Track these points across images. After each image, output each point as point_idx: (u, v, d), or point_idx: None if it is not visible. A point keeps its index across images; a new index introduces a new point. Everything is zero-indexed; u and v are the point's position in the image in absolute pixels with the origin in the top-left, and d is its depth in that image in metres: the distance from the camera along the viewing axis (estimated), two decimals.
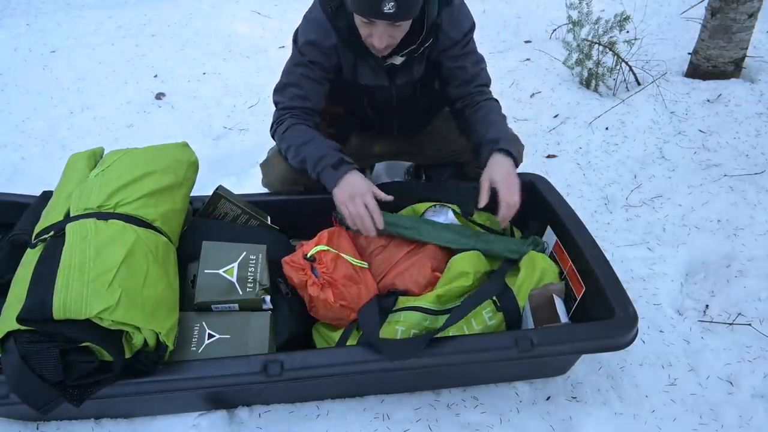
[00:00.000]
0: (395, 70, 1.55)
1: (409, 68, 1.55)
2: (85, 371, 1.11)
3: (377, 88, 1.58)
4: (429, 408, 1.43)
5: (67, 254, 1.16)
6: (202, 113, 2.85)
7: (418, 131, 1.81)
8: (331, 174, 1.42)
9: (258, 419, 1.40)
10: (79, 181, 1.37)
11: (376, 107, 1.66)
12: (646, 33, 3.31)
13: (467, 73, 1.60)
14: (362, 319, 1.34)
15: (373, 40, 1.38)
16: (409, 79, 1.58)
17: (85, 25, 3.85)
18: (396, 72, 1.56)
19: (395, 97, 1.61)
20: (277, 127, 1.55)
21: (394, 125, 1.75)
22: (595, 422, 1.39)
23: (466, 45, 1.56)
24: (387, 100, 1.62)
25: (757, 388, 1.48)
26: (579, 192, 2.22)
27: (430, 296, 1.39)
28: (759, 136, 2.46)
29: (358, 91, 1.60)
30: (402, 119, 1.73)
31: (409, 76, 1.57)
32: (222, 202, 1.58)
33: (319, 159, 1.44)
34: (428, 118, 1.79)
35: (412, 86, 1.61)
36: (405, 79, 1.58)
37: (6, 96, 3.03)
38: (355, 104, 1.66)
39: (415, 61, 1.54)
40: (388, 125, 1.75)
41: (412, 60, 1.53)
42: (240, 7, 4.09)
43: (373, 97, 1.62)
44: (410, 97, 1.63)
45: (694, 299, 1.77)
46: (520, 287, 1.43)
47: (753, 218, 2.02)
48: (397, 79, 1.57)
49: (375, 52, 1.45)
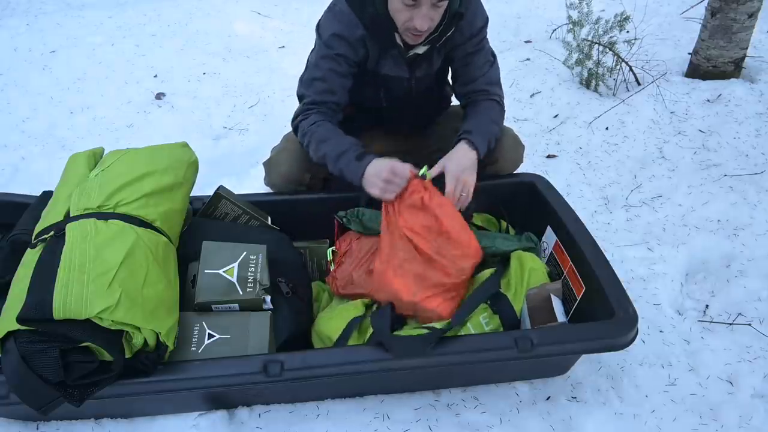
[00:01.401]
0: (416, 61, 1.56)
1: (430, 59, 1.57)
2: (85, 371, 1.11)
3: (396, 80, 1.59)
4: (429, 408, 1.43)
5: (67, 254, 1.16)
6: (202, 113, 2.86)
7: (426, 127, 1.81)
8: (356, 166, 1.44)
9: (258, 419, 1.40)
10: (79, 181, 1.37)
11: (392, 99, 1.65)
12: (646, 33, 3.31)
13: (475, 71, 1.61)
14: (375, 319, 1.34)
15: (415, 23, 1.37)
16: (428, 71, 1.59)
17: (85, 25, 3.86)
18: (417, 63, 1.57)
19: (414, 89, 1.62)
20: (303, 120, 1.55)
21: (405, 120, 1.74)
22: (595, 422, 1.39)
23: (479, 42, 1.58)
24: (405, 92, 1.63)
25: (757, 388, 1.48)
26: (579, 192, 2.22)
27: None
28: (759, 136, 2.46)
29: (378, 82, 1.60)
30: (415, 113, 1.73)
31: (428, 67, 1.59)
32: (223, 202, 1.58)
33: (341, 155, 1.46)
34: (437, 114, 1.80)
35: (430, 79, 1.62)
36: (424, 71, 1.59)
37: (6, 96, 3.03)
38: (372, 96, 1.65)
39: (435, 51, 1.55)
40: (400, 120, 1.75)
41: (433, 50, 1.54)
42: (240, 7, 4.09)
43: (390, 88, 1.62)
44: (426, 90, 1.64)
45: (694, 299, 1.77)
46: (514, 289, 1.46)
47: (753, 218, 2.02)
48: (417, 71, 1.58)
49: (412, 38, 1.44)
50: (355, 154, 1.46)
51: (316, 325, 1.44)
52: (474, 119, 1.58)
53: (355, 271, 1.53)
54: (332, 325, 1.41)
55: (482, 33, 1.58)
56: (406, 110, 1.70)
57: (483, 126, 1.57)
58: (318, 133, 1.52)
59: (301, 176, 1.64)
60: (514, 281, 1.48)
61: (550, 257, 1.58)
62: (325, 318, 1.44)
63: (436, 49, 1.55)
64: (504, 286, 1.48)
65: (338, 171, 1.48)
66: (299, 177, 1.64)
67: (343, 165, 1.46)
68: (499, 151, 1.68)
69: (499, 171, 1.72)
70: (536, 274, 1.47)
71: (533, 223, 1.66)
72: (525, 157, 1.77)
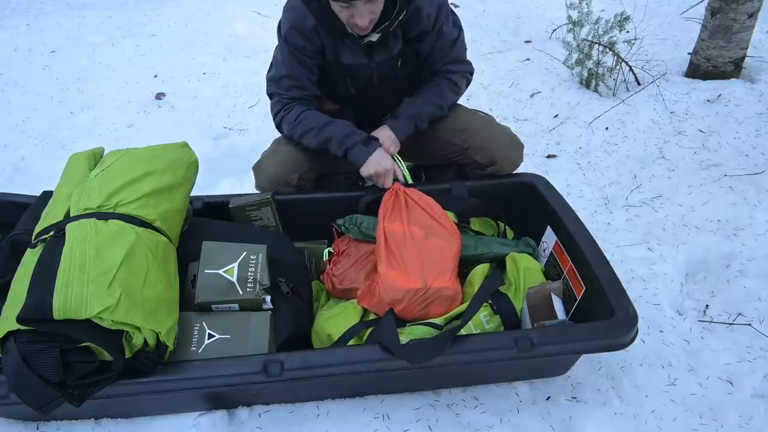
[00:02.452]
0: (373, 47, 1.58)
1: (386, 44, 1.59)
2: (85, 371, 1.11)
3: (358, 67, 1.62)
4: (429, 408, 1.43)
5: (67, 254, 1.16)
6: (202, 113, 2.85)
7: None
8: (362, 150, 1.57)
9: (258, 419, 1.40)
10: (79, 181, 1.37)
11: (358, 87, 1.68)
12: (646, 33, 3.31)
13: (436, 55, 1.66)
14: (380, 330, 1.34)
15: (356, 21, 1.41)
16: (387, 56, 1.62)
17: (85, 25, 3.85)
18: (374, 49, 1.59)
19: (376, 74, 1.64)
20: (285, 114, 1.62)
21: (377, 106, 1.76)
22: (595, 422, 1.39)
23: (439, 30, 1.60)
24: (368, 79, 1.65)
25: (757, 388, 1.48)
26: (579, 192, 2.22)
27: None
28: (759, 136, 2.46)
29: (342, 72, 1.63)
30: (385, 99, 1.74)
31: (387, 52, 1.61)
32: (266, 209, 1.61)
33: (347, 136, 1.58)
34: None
35: (392, 63, 1.64)
36: (383, 55, 1.61)
37: (6, 96, 3.03)
38: (340, 88, 1.69)
39: (390, 36, 1.57)
40: (370, 107, 1.76)
41: (387, 36, 1.55)
42: (240, 7, 4.08)
43: (355, 76, 1.65)
44: (390, 74, 1.66)
45: (694, 299, 1.77)
46: (513, 288, 1.47)
47: (753, 218, 2.02)
48: (375, 56, 1.60)
49: (359, 32, 1.48)
50: (362, 138, 1.59)
51: (316, 324, 1.45)
52: (407, 103, 1.69)
53: (353, 268, 1.53)
54: (332, 323, 1.41)
55: (438, 20, 1.59)
56: (374, 96, 1.72)
57: (412, 109, 1.67)
58: (313, 119, 1.59)
59: (289, 178, 1.66)
60: (512, 281, 1.50)
61: (550, 257, 1.58)
62: (325, 317, 1.44)
63: (391, 33, 1.56)
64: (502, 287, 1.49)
65: (343, 151, 1.59)
66: (287, 178, 1.66)
67: (349, 145, 1.58)
68: (497, 151, 1.68)
69: (498, 171, 1.72)
70: (531, 272, 1.49)
71: (533, 223, 1.67)
72: (525, 157, 1.77)
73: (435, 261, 1.41)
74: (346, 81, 1.66)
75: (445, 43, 1.64)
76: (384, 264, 1.40)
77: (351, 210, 1.63)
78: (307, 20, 1.51)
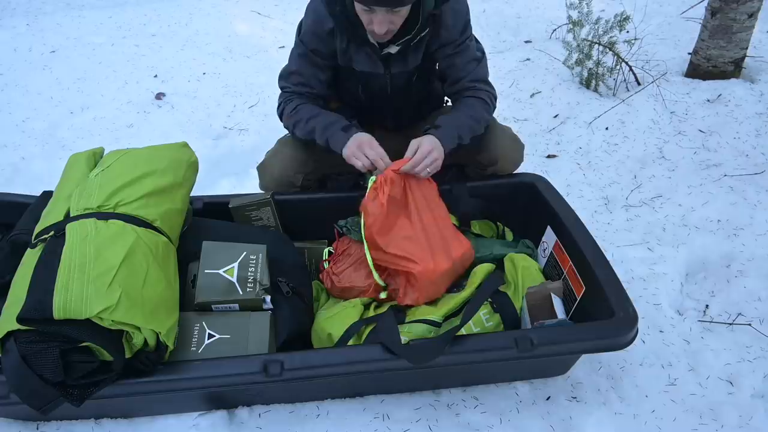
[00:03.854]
0: (391, 59, 1.58)
1: (404, 58, 1.59)
2: (85, 371, 1.11)
3: (372, 76, 1.62)
4: (429, 408, 1.43)
5: (67, 254, 1.16)
6: (202, 113, 2.85)
7: (412, 124, 1.82)
8: (341, 136, 1.52)
9: (258, 419, 1.40)
10: (79, 181, 1.37)
11: (370, 95, 1.68)
12: (646, 33, 3.30)
13: (460, 71, 1.63)
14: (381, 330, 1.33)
15: (374, 27, 1.42)
16: (404, 69, 1.61)
17: (85, 25, 3.85)
18: (392, 61, 1.59)
19: (390, 85, 1.64)
20: (285, 106, 1.64)
21: (387, 115, 1.77)
22: (595, 422, 1.39)
23: (461, 44, 1.58)
24: (381, 88, 1.66)
25: (757, 388, 1.48)
26: (579, 192, 2.22)
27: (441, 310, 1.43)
28: (759, 136, 2.46)
29: (354, 77, 1.63)
30: (396, 109, 1.75)
31: (404, 65, 1.60)
32: (266, 209, 1.61)
33: (329, 125, 1.55)
34: (422, 112, 1.81)
35: (407, 76, 1.64)
36: (400, 68, 1.61)
37: (6, 96, 3.03)
38: (351, 92, 1.70)
39: (410, 50, 1.57)
40: (382, 115, 1.77)
41: (407, 50, 1.56)
42: (240, 7, 4.09)
43: (368, 84, 1.65)
44: (404, 86, 1.66)
45: (694, 299, 1.77)
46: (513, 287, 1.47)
47: (753, 218, 2.02)
48: (392, 67, 1.61)
49: (376, 38, 1.48)
50: (341, 126, 1.55)
51: (316, 323, 1.45)
52: (448, 116, 1.61)
53: (352, 267, 1.54)
54: (332, 323, 1.41)
55: (464, 35, 1.58)
56: (386, 106, 1.73)
57: (454, 121, 1.58)
58: (305, 110, 1.60)
59: (294, 178, 1.67)
60: (511, 280, 1.51)
61: (550, 257, 1.58)
62: (325, 316, 1.44)
63: (411, 48, 1.56)
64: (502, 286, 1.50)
65: (324, 141, 1.55)
66: (292, 179, 1.67)
67: (330, 134, 1.54)
68: (498, 151, 1.68)
69: (499, 171, 1.72)
70: (529, 271, 1.50)
71: (533, 224, 1.67)
72: (525, 157, 1.77)
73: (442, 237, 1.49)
74: (357, 87, 1.67)
75: (469, 59, 1.61)
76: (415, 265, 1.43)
77: (351, 210, 1.63)
78: (326, 23, 1.52)
